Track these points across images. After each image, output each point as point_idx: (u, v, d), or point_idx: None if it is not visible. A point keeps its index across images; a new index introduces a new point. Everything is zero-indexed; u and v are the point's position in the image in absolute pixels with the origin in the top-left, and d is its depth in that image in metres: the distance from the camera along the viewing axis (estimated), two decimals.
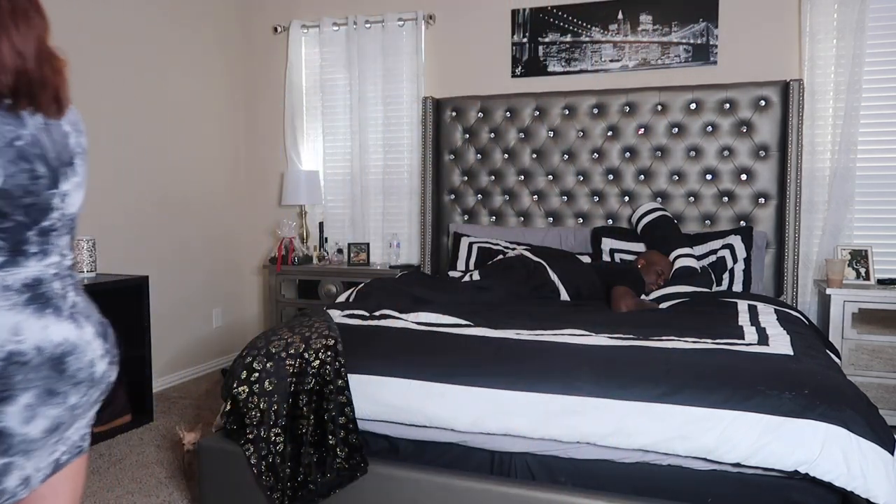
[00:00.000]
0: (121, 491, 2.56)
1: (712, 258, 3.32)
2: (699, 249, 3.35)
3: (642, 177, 3.68)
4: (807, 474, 1.63)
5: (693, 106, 3.57)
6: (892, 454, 1.62)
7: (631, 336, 2.19)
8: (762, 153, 3.49)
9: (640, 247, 3.46)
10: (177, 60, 3.97)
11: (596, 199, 3.77)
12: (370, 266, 4.07)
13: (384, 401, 1.95)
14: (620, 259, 3.46)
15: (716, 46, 3.62)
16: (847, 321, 3.12)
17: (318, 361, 2.00)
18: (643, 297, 3.06)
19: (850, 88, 3.33)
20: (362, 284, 2.98)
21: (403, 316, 2.46)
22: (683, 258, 3.24)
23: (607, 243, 3.51)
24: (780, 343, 2.08)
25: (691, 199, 3.62)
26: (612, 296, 2.83)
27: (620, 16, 3.76)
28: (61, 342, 1.06)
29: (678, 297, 2.94)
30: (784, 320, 2.44)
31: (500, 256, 3.45)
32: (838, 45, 3.36)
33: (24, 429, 1.02)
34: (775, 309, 2.65)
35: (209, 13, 4.23)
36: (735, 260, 3.28)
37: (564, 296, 3.07)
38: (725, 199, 3.56)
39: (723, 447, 1.68)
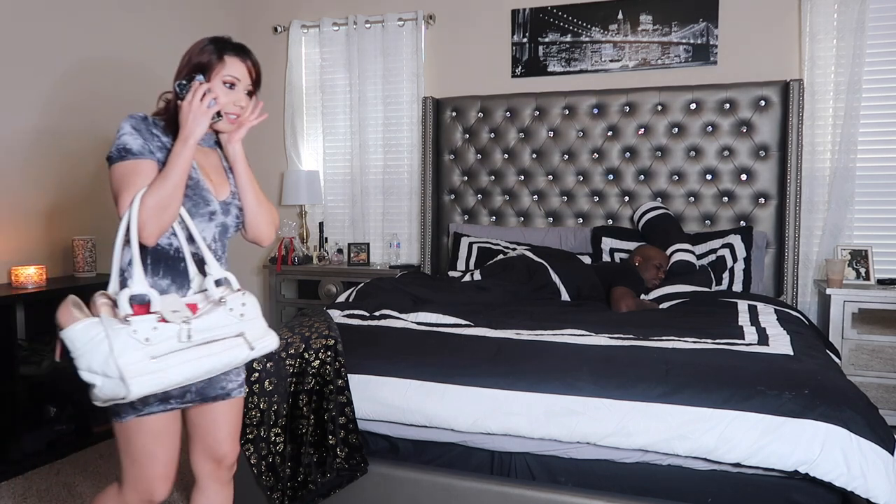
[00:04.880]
0: None
1: (712, 258, 3.32)
2: (699, 249, 3.35)
3: (642, 177, 3.68)
4: (807, 474, 1.63)
5: (693, 106, 3.57)
6: (892, 454, 1.63)
7: (631, 336, 2.19)
8: (762, 153, 3.49)
9: None
10: (177, 60, 3.97)
11: (596, 199, 3.77)
12: (370, 266, 4.07)
13: (384, 401, 1.95)
14: (620, 259, 3.46)
15: (716, 46, 3.62)
16: (847, 321, 3.11)
17: (318, 361, 2.00)
18: (643, 296, 3.06)
19: (850, 88, 3.33)
20: (362, 284, 2.98)
21: (403, 316, 2.46)
22: (681, 252, 3.24)
23: (607, 243, 3.51)
24: (780, 343, 2.08)
25: (691, 199, 3.62)
26: (612, 296, 2.83)
27: (620, 16, 3.76)
28: None
29: (678, 298, 2.95)
30: (784, 320, 2.44)
31: (501, 256, 3.45)
32: (838, 45, 3.36)
33: None
34: (775, 309, 2.65)
35: (209, 13, 4.23)
36: (735, 259, 3.28)
37: (565, 296, 3.07)
38: (725, 199, 3.56)
39: (723, 447, 1.68)
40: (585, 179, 3.79)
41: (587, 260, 3.42)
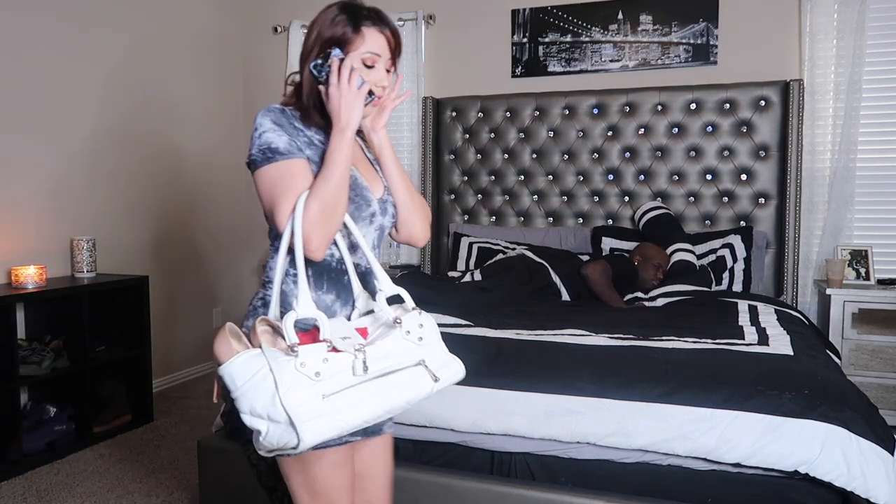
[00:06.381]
0: (121, 491, 2.56)
1: (712, 258, 3.32)
2: (699, 249, 3.35)
3: (642, 177, 3.68)
4: (807, 474, 1.63)
5: (693, 106, 3.57)
6: (892, 454, 1.62)
7: (631, 336, 2.19)
8: (762, 153, 3.49)
9: None
10: (176, 61, 3.97)
11: (596, 199, 3.77)
12: None
13: None
14: None
15: (716, 46, 3.62)
16: (847, 321, 3.11)
17: None
18: (639, 294, 3.07)
19: (850, 88, 3.32)
20: None
21: None
22: (681, 252, 3.25)
23: (607, 243, 3.51)
24: (780, 343, 2.08)
25: (691, 199, 3.62)
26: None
27: (620, 16, 3.76)
28: None
29: (678, 296, 2.95)
30: (784, 320, 2.44)
31: (501, 256, 3.45)
32: (838, 45, 3.36)
33: None
34: (775, 309, 2.65)
35: (209, 13, 4.23)
36: (735, 259, 3.28)
37: (565, 296, 3.08)
38: (725, 199, 3.56)
39: (723, 447, 1.68)
40: (585, 179, 3.79)
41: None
